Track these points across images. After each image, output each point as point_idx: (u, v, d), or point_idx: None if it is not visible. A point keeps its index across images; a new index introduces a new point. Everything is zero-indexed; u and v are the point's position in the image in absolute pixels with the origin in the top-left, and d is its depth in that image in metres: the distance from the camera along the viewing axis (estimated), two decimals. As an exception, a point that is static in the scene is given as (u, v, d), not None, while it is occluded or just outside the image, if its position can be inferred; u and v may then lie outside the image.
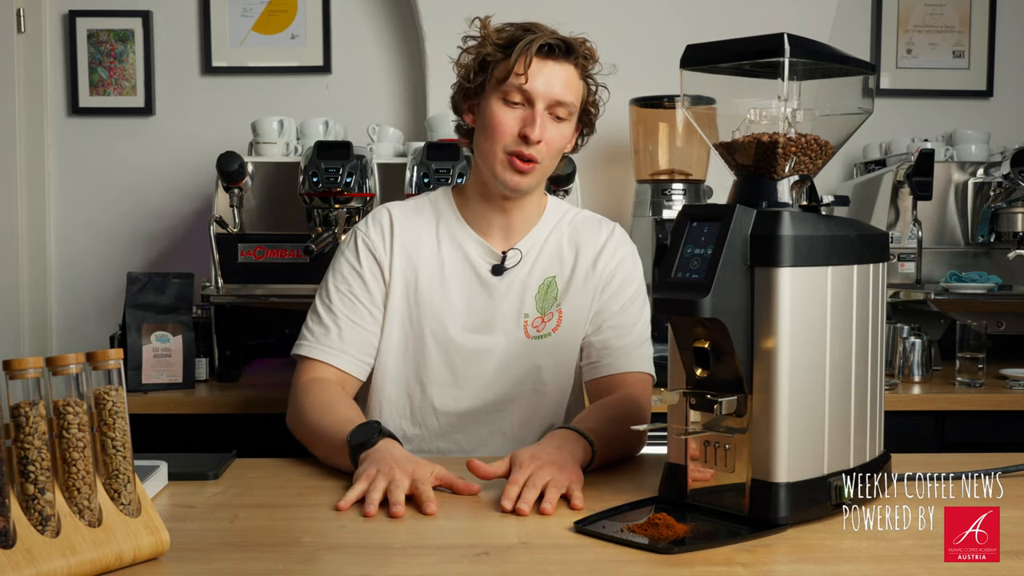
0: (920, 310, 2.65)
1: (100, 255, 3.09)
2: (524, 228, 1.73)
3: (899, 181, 2.71)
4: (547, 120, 1.61)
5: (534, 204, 1.74)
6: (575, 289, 1.72)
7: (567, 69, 1.62)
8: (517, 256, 1.71)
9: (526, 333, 1.70)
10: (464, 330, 1.68)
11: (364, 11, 3.11)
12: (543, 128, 1.60)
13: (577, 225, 1.77)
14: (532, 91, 1.60)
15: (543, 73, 1.60)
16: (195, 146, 3.04)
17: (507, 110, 1.61)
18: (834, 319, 1.21)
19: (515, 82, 1.60)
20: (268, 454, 1.59)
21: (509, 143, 1.61)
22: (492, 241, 1.71)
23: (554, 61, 1.61)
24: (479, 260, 1.71)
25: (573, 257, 1.73)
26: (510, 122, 1.61)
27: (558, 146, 1.65)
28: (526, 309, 1.70)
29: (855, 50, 2.12)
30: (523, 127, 1.60)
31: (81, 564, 1.02)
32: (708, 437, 1.24)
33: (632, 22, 2.96)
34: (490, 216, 1.71)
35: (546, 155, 1.63)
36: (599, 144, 2.94)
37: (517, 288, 1.70)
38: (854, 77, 1.36)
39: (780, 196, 1.27)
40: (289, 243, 2.47)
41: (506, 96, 1.61)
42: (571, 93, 1.63)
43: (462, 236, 1.72)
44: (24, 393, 1.02)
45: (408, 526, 1.22)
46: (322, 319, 1.68)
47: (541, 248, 1.73)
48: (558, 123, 1.63)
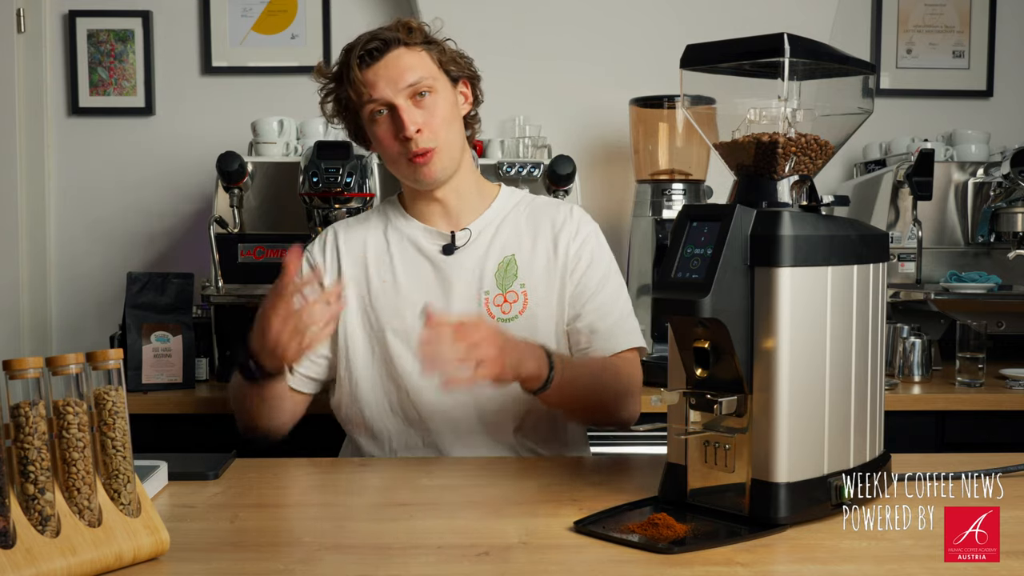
0: (920, 310, 2.65)
1: (100, 255, 3.09)
2: (469, 210, 1.74)
3: (899, 181, 2.71)
4: (413, 108, 1.63)
5: (470, 186, 1.74)
6: (538, 269, 1.71)
7: (397, 56, 1.64)
8: (467, 235, 1.72)
9: (489, 313, 1.69)
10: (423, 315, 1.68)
11: (364, 11, 3.11)
12: (412, 119, 1.62)
13: (536, 208, 1.78)
14: (381, 96, 1.63)
15: (378, 75, 1.63)
16: (195, 146, 3.04)
17: (379, 124, 1.65)
18: (834, 319, 1.21)
19: (365, 99, 1.63)
20: (268, 454, 1.59)
21: (399, 151, 1.65)
22: (439, 227, 1.73)
23: (381, 59, 1.63)
24: (428, 245, 1.72)
25: (532, 236, 1.73)
26: (387, 133, 1.65)
27: (441, 120, 1.65)
28: (486, 287, 1.69)
29: (855, 50, 2.12)
30: (397, 132, 1.63)
31: (81, 564, 1.02)
32: (708, 437, 1.24)
33: (632, 22, 2.96)
34: (429, 206, 1.73)
35: (433, 136, 1.64)
36: (599, 144, 2.95)
37: (473, 266, 1.70)
38: (854, 77, 1.36)
39: (780, 196, 1.27)
40: (289, 243, 2.45)
41: (371, 114, 1.65)
42: (415, 71, 1.64)
43: (409, 229, 1.74)
44: (24, 393, 1.02)
45: (408, 526, 1.22)
46: None
47: (497, 228, 1.73)
48: (425, 102, 1.64)
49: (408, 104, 1.63)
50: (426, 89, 1.64)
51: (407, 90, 1.62)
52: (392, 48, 1.63)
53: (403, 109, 1.62)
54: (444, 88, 1.67)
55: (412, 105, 1.63)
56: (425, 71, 1.64)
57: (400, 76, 1.62)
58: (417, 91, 1.63)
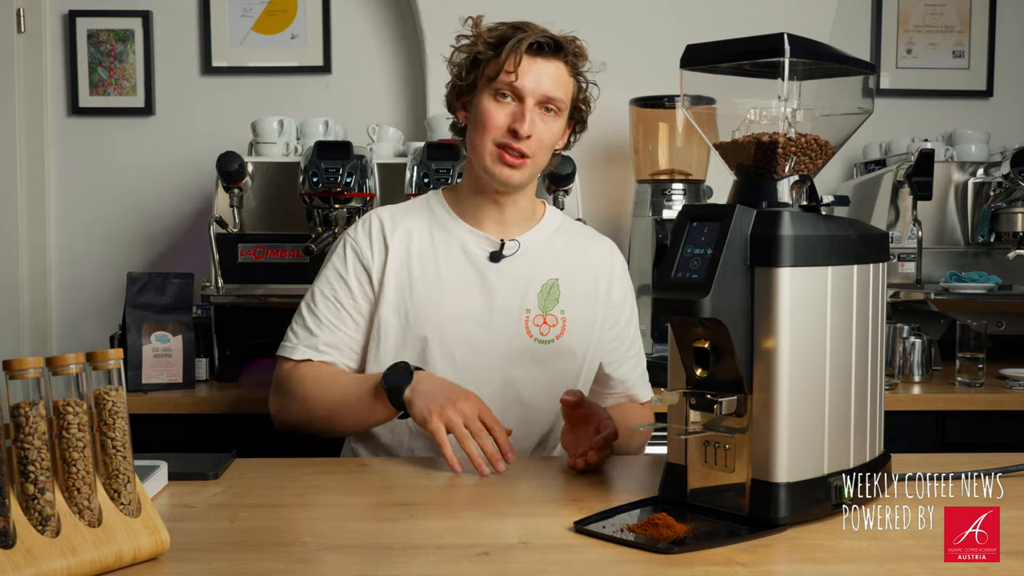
0: (920, 310, 2.65)
1: (100, 255, 3.09)
2: (520, 224, 1.75)
3: (899, 181, 2.71)
4: (537, 116, 1.65)
5: (527, 200, 1.76)
6: (579, 300, 1.74)
7: (556, 66, 1.65)
8: (516, 246, 1.72)
9: (528, 332, 1.70)
10: (463, 320, 1.69)
11: (364, 11, 3.11)
12: (532, 123, 1.63)
13: (576, 235, 1.81)
14: (522, 88, 1.63)
15: (532, 70, 1.63)
16: (195, 146, 3.04)
17: (497, 106, 1.65)
18: (834, 319, 1.21)
19: (505, 79, 1.63)
20: (268, 454, 1.59)
21: (499, 137, 1.64)
22: (487, 232, 1.73)
23: (543, 59, 1.64)
24: (476, 250, 1.72)
25: (573, 264, 1.76)
26: (500, 116, 1.64)
27: (548, 141, 1.67)
28: (528, 304, 1.70)
29: (855, 50, 2.12)
30: (513, 122, 1.64)
31: (81, 564, 1.02)
32: (708, 437, 1.24)
33: (632, 22, 2.96)
34: (484, 209, 1.73)
35: (536, 150, 1.66)
36: (599, 144, 2.94)
37: (518, 280, 1.71)
38: (854, 77, 1.36)
39: (780, 196, 1.27)
40: (289, 243, 2.47)
41: (497, 92, 1.65)
42: (560, 89, 1.66)
43: (457, 230, 1.74)
44: (24, 393, 1.02)
45: (408, 526, 1.22)
46: (306, 322, 1.71)
47: (543, 247, 1.75)
48: (548, 119, 1.66)
49: (535, 110, 1.65)
50: (556, 109, 1.66)
51: (543, 99, 1.65)
52: (558, 56, 1.66)
53: (529, 110, 1.64)
54: (564, 117, 1.70)
55: (537, 113, 1.65)
56: (565, 95, 1.67)
57: (548, 84, 1.64)
58: (548, 106, 1.65)
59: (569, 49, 1.66)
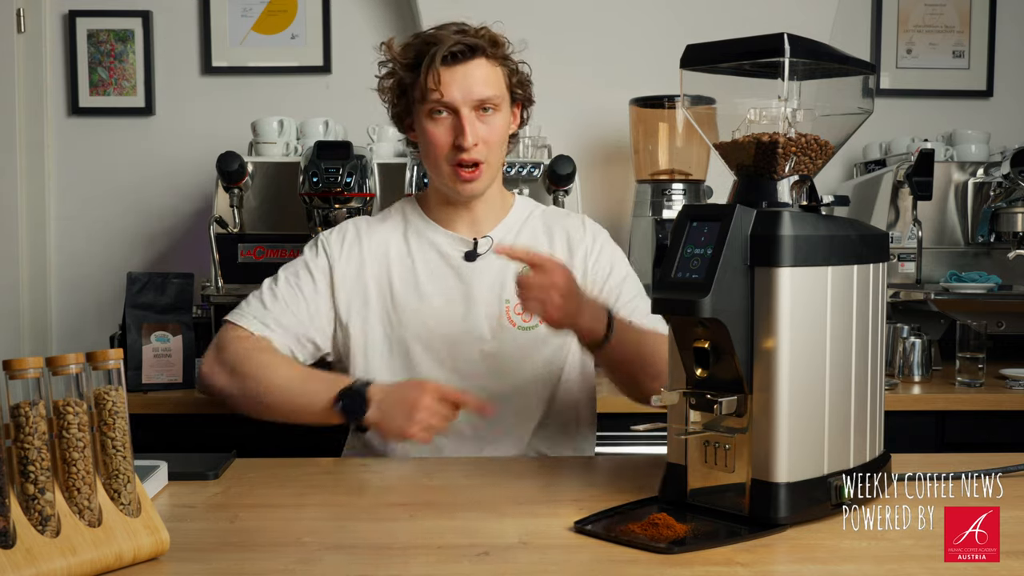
0: (920, 310, 2.64)
1: (100, 255, 3.09)
2: (492, 219, 1.76)
3: (899, 181, 2.71)
4: (476, 121, 1.64)
5: (496, 192, 1.77)
6: None
7: (478, 65, 1.64)
8: (489, 243, 1.73)
9: (511, 322, 1.70)
10: (445, 322, 1.70)
11: (364, 11, 3.11)
12: (474, 131, 1.63)
13: (549, 218, 1.81)
14: (452, 101, 1.63)
15: (456, 80, 1.63)
16: (195, 146, 3.04)
17: (435, 124, 1.65)
18: (834, 319, 1.21)
19: (433, 97, 1.63)
20: (268, 454, 1.59)
21: (448, 155, 1.65)
22: (461, 232, 1.74)
23: (462, 64, 1.63)
24: (450, 251, 1.73)
25: (548, 246, 1.76)
26: (441, 135, 1.65)
27: (497, 139, 1.67)
28: (507, 295, 1.71)
29: (855, 50, 2.11)
30: (455, 137, 1.64)
31: (81, 564, 1.02)
32: (708, 437, 1.24)
33: (632, 22, 2.96)
34: (455, 212, 1.75)
35: (487, 152, 1.66)
36: (599, 144, 2.95)
37: (494, 273, 1.72)
38: (854, 77, 1.36)
39: (780, 196, 1.27)
40: (289, 243, 2.47)
41: (431, 112, 1.65)
42: (490, 87, 1.65)
43: (430, 233, 1.75)
44: (24, 393, 1.02)
45: (408, 526, 1.23)
46: (263, 296, 1.73)
47: (515, 236, 1.75)
48: (488, 118, 1.66)
49: (472, 115, 1.64)
50: (492, 106, 1.65)
51: (476, 103, 1.64)
52: (475, 56, 1.64)
53: (467, 119, 1.63)
54: (505, 107, 1.69)
55: (476, 117, 1.64)
56: (497, 89, 1.66)
57: (475, 87, 1.63)
58: (484, 106, 1.65)
59: (484, 44, 1.65)
